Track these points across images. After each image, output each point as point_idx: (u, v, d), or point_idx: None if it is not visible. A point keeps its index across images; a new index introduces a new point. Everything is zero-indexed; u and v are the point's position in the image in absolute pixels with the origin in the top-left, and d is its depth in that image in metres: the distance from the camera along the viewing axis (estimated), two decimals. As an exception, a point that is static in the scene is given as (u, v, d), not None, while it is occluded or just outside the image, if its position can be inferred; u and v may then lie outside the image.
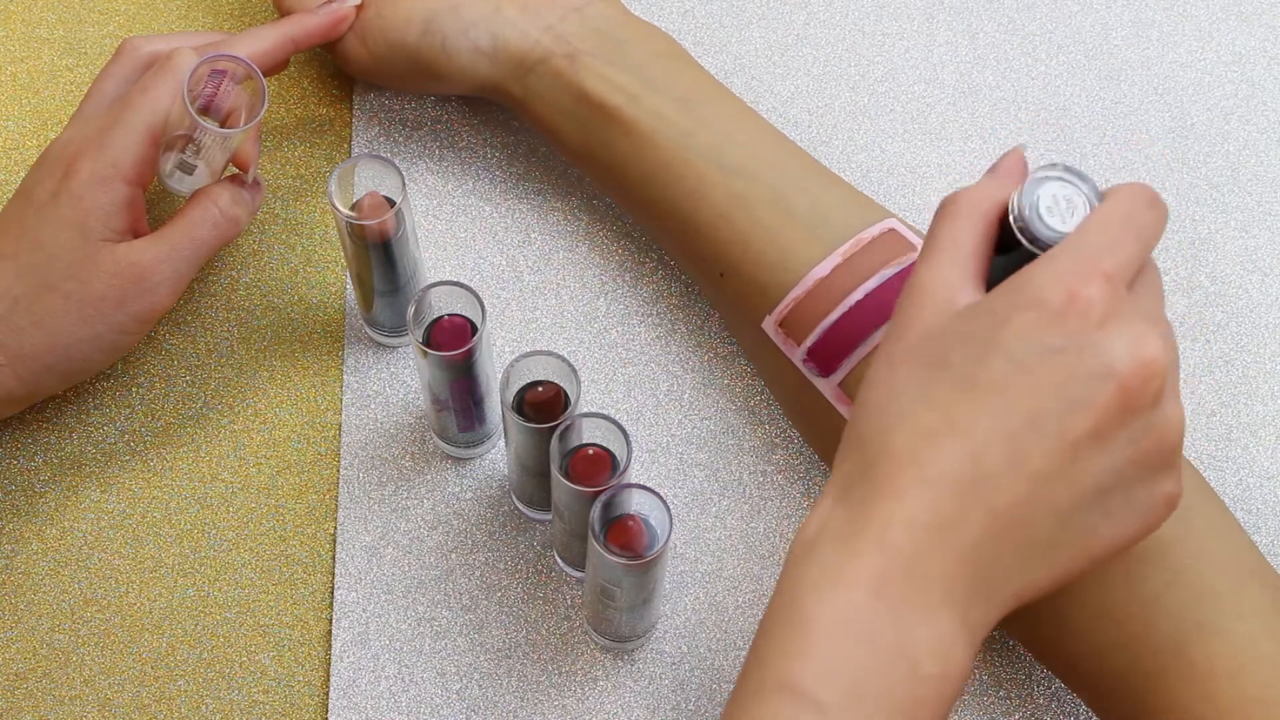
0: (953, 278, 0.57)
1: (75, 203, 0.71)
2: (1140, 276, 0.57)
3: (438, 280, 0.71)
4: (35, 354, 0.72)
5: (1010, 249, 0.58)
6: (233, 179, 0.75)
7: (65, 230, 0.71)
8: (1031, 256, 0.57)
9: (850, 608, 0.53)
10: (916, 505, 0.54)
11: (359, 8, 0.78)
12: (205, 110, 0.71)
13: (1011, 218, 0.58)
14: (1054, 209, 0.58)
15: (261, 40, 0.76)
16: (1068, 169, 0.58)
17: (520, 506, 0.76)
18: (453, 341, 0.70)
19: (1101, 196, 0.58)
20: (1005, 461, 0.54)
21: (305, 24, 0.77)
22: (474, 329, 0.70)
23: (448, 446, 0.77)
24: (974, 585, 0.54)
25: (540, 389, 0.69)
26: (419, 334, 0.69)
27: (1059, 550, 0.55)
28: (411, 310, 0.68)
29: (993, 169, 0.61)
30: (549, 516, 0.75)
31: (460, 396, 0.72)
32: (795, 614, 0.54)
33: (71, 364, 0.72)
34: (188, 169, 0.72)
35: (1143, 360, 0.54)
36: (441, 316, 0.71)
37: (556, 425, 0.66)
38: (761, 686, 0.54)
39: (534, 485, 0.73)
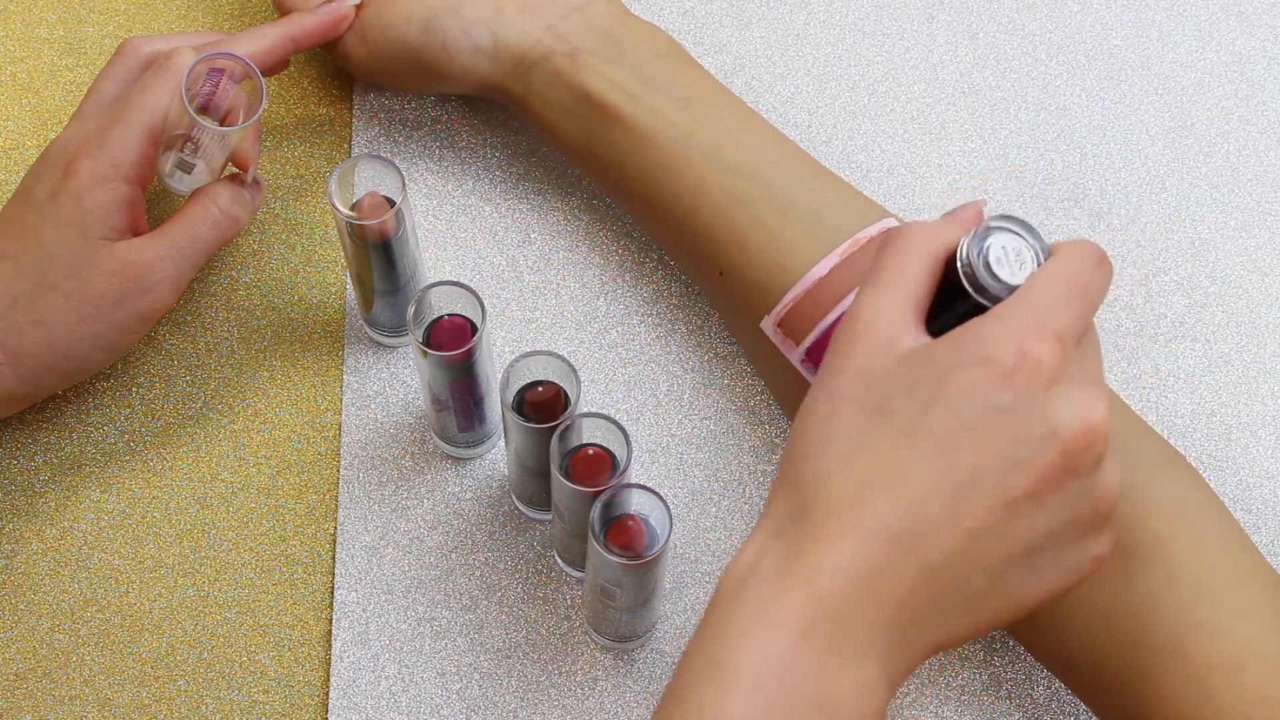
0: (894, 314, 0.57)
1: (75, 202, 0.71)
2: (1084, 337, 0.57)
3: (438, 280, 0.71)
4: (35, 353, 0.72)
5: (952, 292, 0.58)
6: (233, 178, 0.75)
7: (65, 229, 0.71)
8: (974, 304, 0.57)
9: (775, 651, 0.53)
10: (850, 553, 0.54)
11: (359, 7, 0.78)
12: (204, 109, 0.71)
13: (959, 263, 0.58)
14: (1002, 260, 0.58)
15: (261, 40, 0.76)
16: (1019, 222, 0.58)
17: (520, 506, 0.76)
18: (453, 341, 0.70)
19: (1050, 252, 0.58)
20: (942, 516, 0.54)
21: (305, 23, 0.77)
22: (474, 329, 0.70)
23: (448, 446, 0.77)
24: (898, 635, 0.54)
25: (540, 389, 0.69)
26: (419, 334, 0.69)
27: (986, 603, 0.55)
28: (411, 310, 0.68)
29: (949, 214, 0.60)
30: (549, 516, 0.75)
31: (460, 396, 0.72)
32: (719, 652, 0.54)
33: (72, 363, 0.72)
34: (187, 168, 0.72)
35: (1087, 425, 0.54)
36: (441, 316, 0.71)
37: (556, 425, 0.66)
38: None
39: (534, 485, 0.73)
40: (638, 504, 0.67)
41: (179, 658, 0.74)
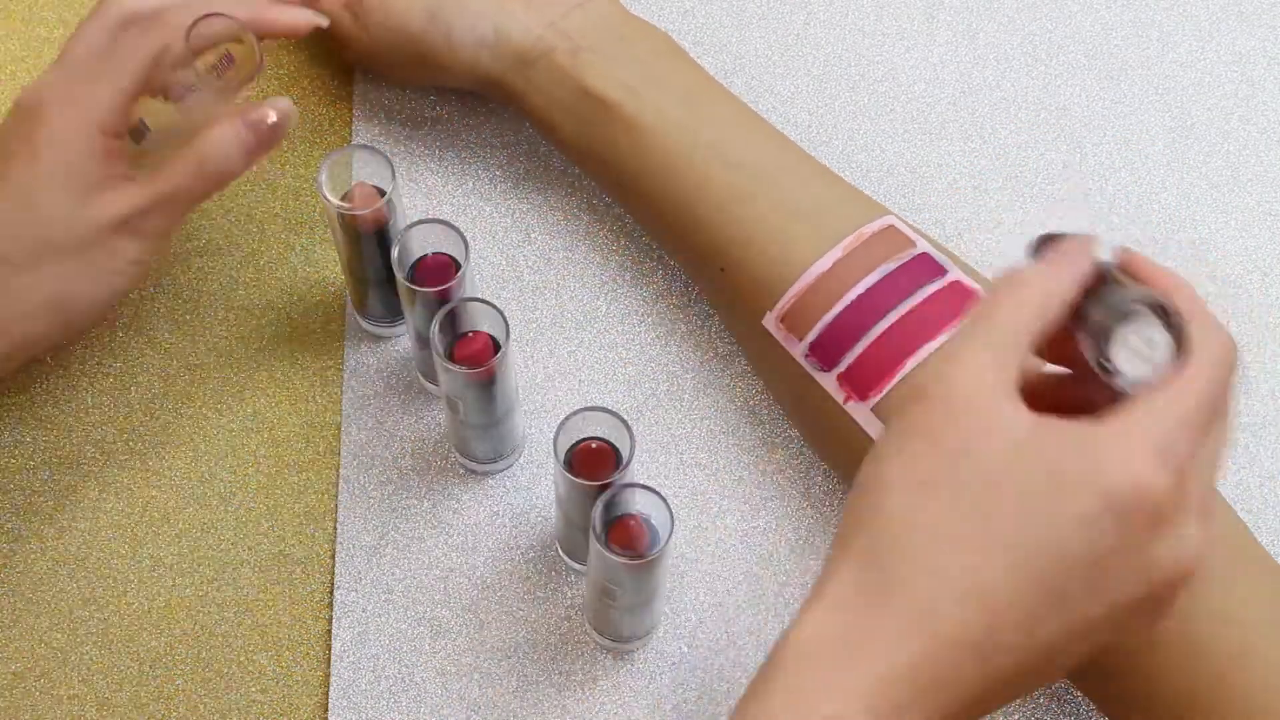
0: (1000, 385, 0.53)
1: (56, 155, 0.69)
2: (1206, 439, 0.53)
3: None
4: (33, 307, 0.70)
5: (1078, 331, 0.54)
6: (229, 121, 0.73)
7: (50, 183, 0.69)
8: (1102, 385, 0.53)
9: None
10: (921, 656, 0.51)
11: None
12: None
13: (1092, 332, 0.53)
14: (1134, 350, 0.53)
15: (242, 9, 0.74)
16: (1153, 301, 0.53)
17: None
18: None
19: (1182, 338, 0.53)
20: (1021, 634, 0.52)
21: (275, 19, 0.76)
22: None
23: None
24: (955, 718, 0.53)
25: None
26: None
27: (1038, 684, 0.55)
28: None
29: (1057, 254, 0.55)
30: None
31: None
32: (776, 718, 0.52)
33: (72, 315, 0.70)
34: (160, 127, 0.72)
35: (1183, 569, 0.52)
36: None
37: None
38: None
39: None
40: (639, 503, 0.67)
41: (178, 657, 0.74)
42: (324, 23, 0.76)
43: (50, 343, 0.73)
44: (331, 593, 0.75)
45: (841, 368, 0.70)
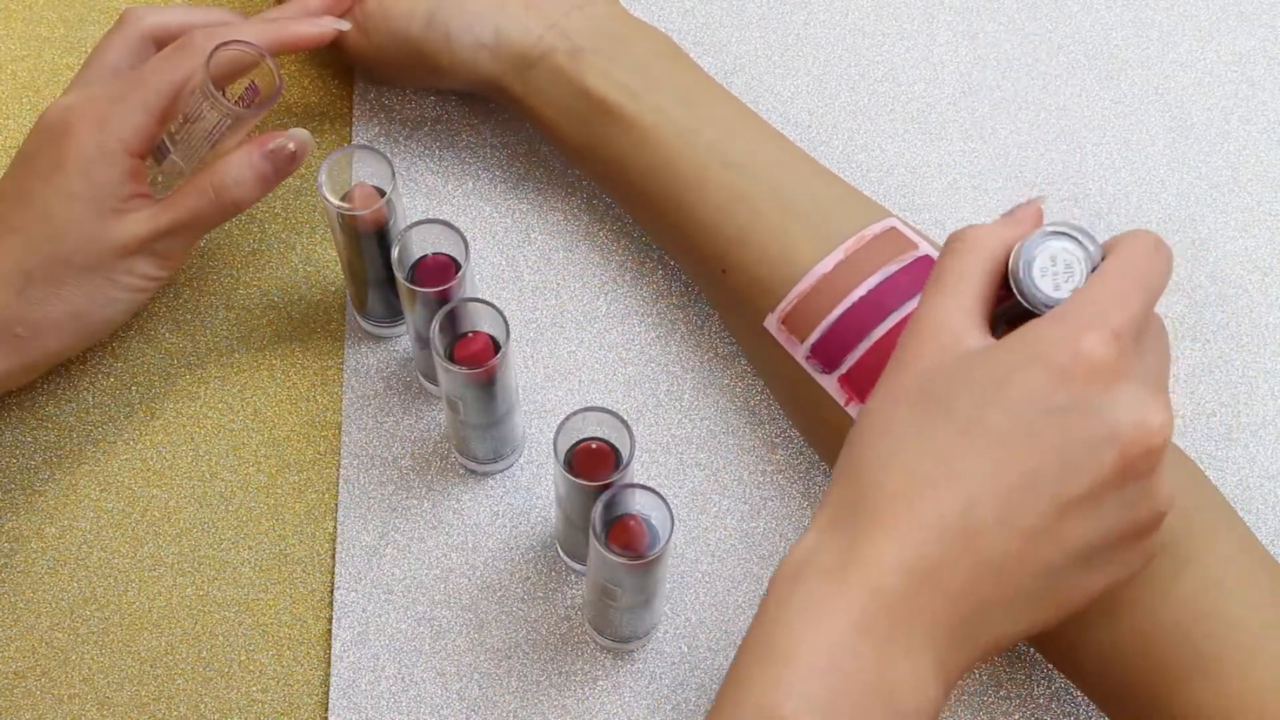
0: (957, 315, 0.57)
1: (82, 175, 0.71)
2: (1146, 333, 0.57)
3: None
4: (56, 322, 0.72)
5: (1011, 297, 0.59)
6: (246, 149, 0.73)
7: (74, 203, 0.71)
8: (1026, 311, 0.58)
9: (833, 642, 0.53)
10: (906, 546, 0.54)
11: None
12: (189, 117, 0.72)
13: (1008, 270, 0.59)
14: (1047, 269, 0.58)
15: (264, 34, 0.75)
16: (1074, 228, 0.59)
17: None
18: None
19: (1104, 251, 0.58)
20: (998, 515, 0.54)
21: (298, 31, 0.76)
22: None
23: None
24: (955, 630, 0.54)
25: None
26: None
27: (1040, 602, 0.56)
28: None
29: (1008, 214, 0.61)
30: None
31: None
32: (778, 642, 0.54)
33: (92, 326, 0.73)
34: (170, 159, 0.73)
35: (1147, 429, 0.54)
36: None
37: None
38: (740, 709, 0.54)
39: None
40: (639, 503, 0.67)
41: (178, 657, 0.74)
42: (345, 26, 0.77)
43: (69, 354, 0.74)
44: (331, 593, 0.75)
45: (843, 369, 0.70)
